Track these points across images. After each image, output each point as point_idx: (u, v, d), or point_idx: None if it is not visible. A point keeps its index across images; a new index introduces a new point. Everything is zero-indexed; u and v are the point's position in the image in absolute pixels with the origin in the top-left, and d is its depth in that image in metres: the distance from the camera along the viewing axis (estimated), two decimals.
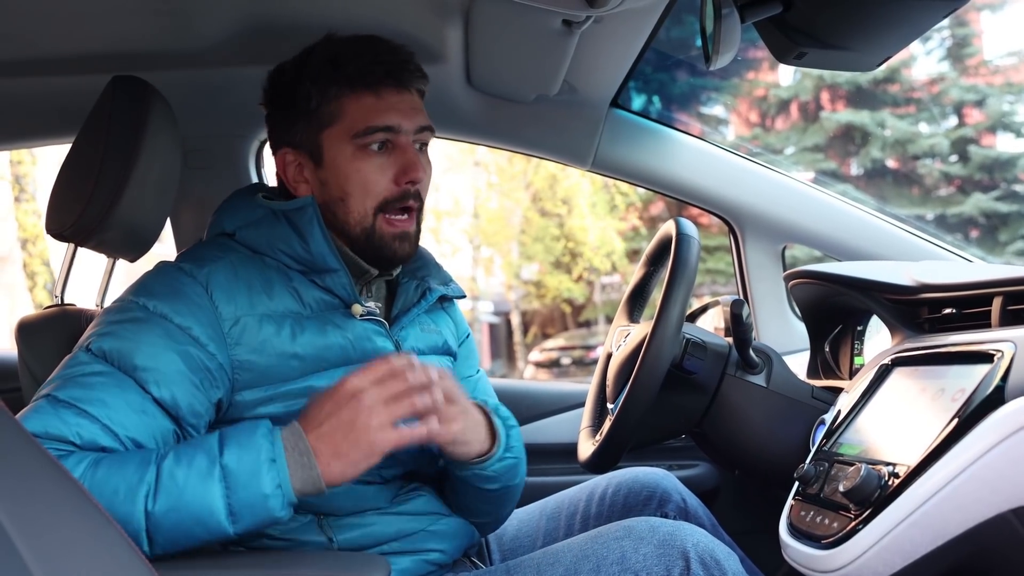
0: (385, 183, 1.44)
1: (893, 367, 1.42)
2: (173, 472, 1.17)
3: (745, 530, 1.85)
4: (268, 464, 1.18)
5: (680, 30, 6.20)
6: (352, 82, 1.43)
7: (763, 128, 17.36)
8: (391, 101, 1.44)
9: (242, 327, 1.36)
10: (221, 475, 1.17)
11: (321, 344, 1.40)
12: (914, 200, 15.49)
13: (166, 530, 1.16)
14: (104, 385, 1.26)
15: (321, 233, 1.42)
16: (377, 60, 1.44)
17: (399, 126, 1.44)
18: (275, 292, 1.40)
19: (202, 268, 1.38)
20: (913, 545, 1.12)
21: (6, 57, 1.81)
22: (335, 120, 1.44)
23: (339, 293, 1.43)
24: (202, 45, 1.81)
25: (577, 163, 2.23)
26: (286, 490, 1.19)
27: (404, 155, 1.45)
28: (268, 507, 1.18)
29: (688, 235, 1.61)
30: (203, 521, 1.17)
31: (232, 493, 1.17)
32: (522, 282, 19.27)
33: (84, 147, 1.60)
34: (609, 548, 1.32)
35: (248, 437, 1.20)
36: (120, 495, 1.15)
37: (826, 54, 1.20)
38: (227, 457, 1.18)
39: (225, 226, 1.48)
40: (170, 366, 1.29)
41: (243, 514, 1.18)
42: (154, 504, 1.15)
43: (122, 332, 1.31)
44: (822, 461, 1.36)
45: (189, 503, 1.16)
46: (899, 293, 1.50)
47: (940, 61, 16.37)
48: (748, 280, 2.26)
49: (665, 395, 1.59)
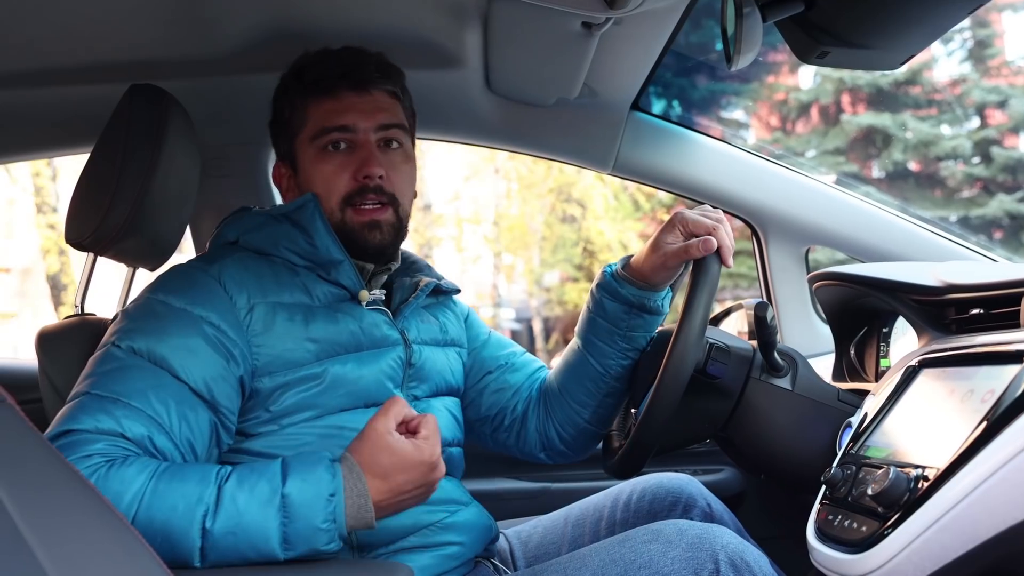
0: (345, 179, 1.52)
1: (920, 369, 1.40)
2: (235, 496, 1.19)
3: (771, 535, 1.83)
4: (327, 499, 1.20)
5: (699, 35, 6.19)
6: (313, 89, 1.53)
7: (783, 132, 17.26)
8: (349, 102, 1.53)
9: (256, 315, 1.40)
10: (281, 504, 1.19)
11: (334, 330, 1.44)
12: (937, 202, 15.37)
13: (221, 550, 1.18)
14: (142, 378, 1.29)
15: (324, 227, 1.49)
16: (337, 64, 1.53)
17: (354, 125, 1.52)
18: (284, 286, 1.45)
19: (213, 264, 1.44)
20: (943, 549, 1.10)
21: (24, 68, 1.82)
22: (303, 127, 1.54)
23: (345, 284, 1.49)
24: (220, 53, 1.82)
25: (598, 167, 2.22)
26: (340, 524, 1.21)
27: (361, 151, 1.52)
28: (321, 539, 1.20)
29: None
30: (257, 546, 1.19)
31: (289, 523, 1.19)
32: (543, 289, 19.23)
33: (102, 156, 1.60)
34: (637, 552, 1.31)
35: (310, 470, 1.22)
36: (179, 511, 1.17)
37: (849, 53, 1.19)
38: (289, 487, 1.20)
39: (228, 236, 1.54)
40: (198, 355, 1.33)
41: (296, 543, 1.19)
42: (213, 523, 1.17)
43: (147, 327, 1.34)
44: (849, 464, 1.34)
45: (247, 528, 1.18)
46: (926, 294, 1.48)
47: (962, 62, 16.25)
48: (772, 283, 2.24)
49: (689, 400, 1.57)
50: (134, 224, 1.57)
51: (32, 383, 1.61)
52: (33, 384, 1.60)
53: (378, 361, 1.47)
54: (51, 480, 0.86)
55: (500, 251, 18.33)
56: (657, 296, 1.59)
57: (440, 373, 1.61)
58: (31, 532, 0.78)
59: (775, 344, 1.63)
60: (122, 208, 1.55)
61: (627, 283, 1.58)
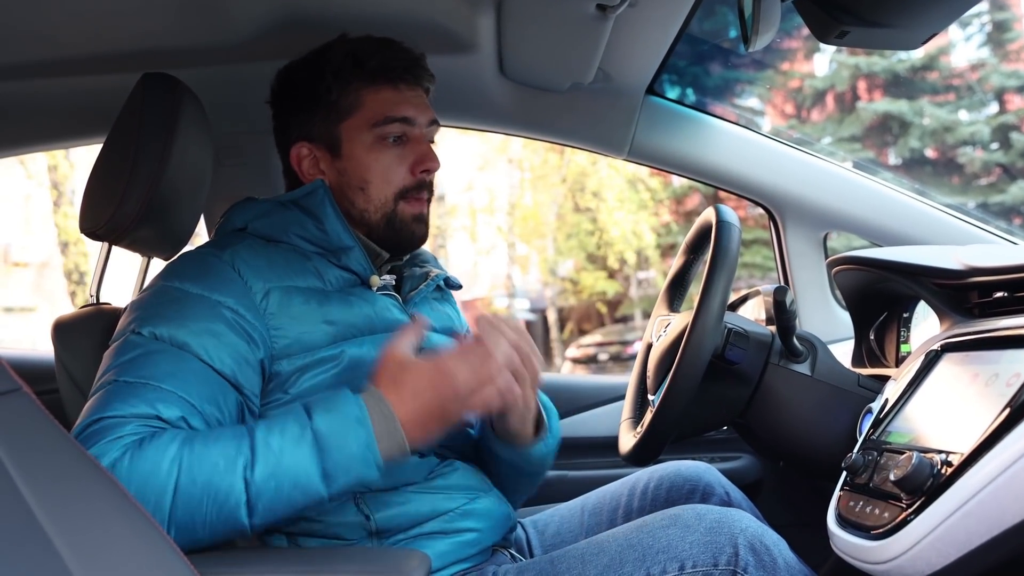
0: (403, 172, 1.53)
1: (943, 353, 1.38)
2: (268, 440, 1.20)
3: (789, 523, 1.82)
4: (356, 425, 1.22)
5: (713, 22, 6.16)
6: (374, 76, 1.53)
7: (799, 119, 17.21)
8: (407, 95, 1.55)
9: (273, 299, 1.40)
10: (313, 439, 1.21)
11: (349, 313, 1.45)
12: (955, 189, 15.29)
13: (267, 497, 1.19)
14: (167, 361, 1.29)
15: (334, 213, 1.50)
16: (396, 57, 1.54)
17: (414, 119, 1.54)
18: (297, 271, 1.45)
19: (224, 250, 1.43)
20: (968, 535, 1.08)
21: (36, 58, 1.82)
22: (354, 112, 1.53)
23: (356, 269, 1.50)
24: (232, 40, 1.81)
25: (613, 152, 2.20)
26: (374, 451, 1.22)
27: (419, 146, 1.54)
28: (359, 467, 1.22)
29: (728, 222, 1.58)
30: (300, 485, 1.20)
31: (325, 455, 1.20)
32: (558, 279, 19.23)
33: (116, 145, 1.60)
34: (655, 537, 1.30)
35: (333, 402, 1.24)
36: (220, 468, 1.18)
37: (868, 32, 1.17)
38: (317, 421, 1.22)
39: (236, 223, 1.53)
40: (221, 339, 1.33)
41: (336, 475, 1.21)
42: (253, 473, 1.18)
43: (166, 312, 1.34)
44: (870, 450, 1.32)
45: (287, 468, 1.19)
46: (948, 277, 1.46)
47: (980, 47, 16.15)
48: (790, 269, 2.22)
49: (707, 386, 1.56)
50: (148, 213, 1.56)
51: (49, 374, 1.60)
52: (50, 375, 1.60)
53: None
54: (68, 469, 0.86)
55: (514, 242, 18.34)
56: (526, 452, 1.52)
57: None
58: (49, 520, 0.78)
59: (794, 329, 1.62)
60: (136, 197, 1.55)
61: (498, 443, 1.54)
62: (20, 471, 0.79)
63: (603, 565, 1.31)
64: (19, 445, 0.81)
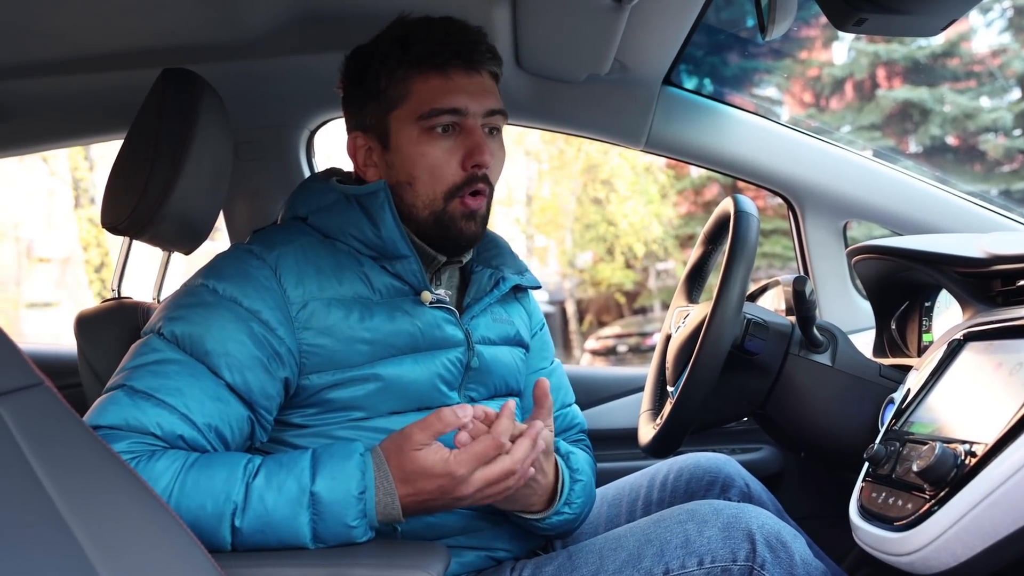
0: (453, 168, 1.42)
1: (965, 342, 1.36)
2: (263, 495, 1.19)
3: (810, 515, 1.81)
4: (357, 498, 1.20)
5: (731, 11, 6.13)
6: (420, 63, 1.41)
7: (817, 108, 17.10)
8: (460, 83, 1.41)
9: (310, 311, 1.35)
10: (310, 503, 1.20)
11: (390, 330, 1.38)
12: (976, 176, 15.17)
13: (251, 544, 1.19)
14: (179, 373, 1.27)
15: (392, 219, 1.40)
16: (446, 40, 1.41)
17: (466, 108, 1.41)
18: (345, 277, 1.39)
19: (272, 251, 1.38)
20: (994, 526, 1.07)
21: (57, 56, 1.83)
22: (402, 101, 1.42)
23: (409, 280, 1.42)
24: (251, 35, 1.81)
25: (630, 143, 2.19)
26: (371, 519, 1.21)
27: (471, 138, 1.42)
28: (351, 535, 1.21)
29: (747, 212, 1.57)
30: (286, 542, 1.20)
31: (319, 520, 1.20)
32: (576, 270, 19.21)
33: (136, 141, 1.61)
34: (672, 532, 1.30)
35: (340, 467, 1.22)
36: (207, 510, 1.18)
37: (887, 19, 1.16)
38: (318, 485, 1.20)
39: (298, 210, 1.48)
40: (241, 350, 1.30)
41: (327, 538, 1.21)
42: (242, 521, 1.18)
43: (193, 316, 1.32)
44: (893, 441, 1.31)
45: (277, 527, 1.19)
46: (970, 266, 1.45)
47: (1001, 32, 16.00)
48: (809, 259, 2.21)
49: (726, 377, 1.55)
50: (168, 208, 1.57)
51: (72, 368, 1.62)
52: (73, 369, 1.62)
53: (434, 362, 1.41)
54: (89, 461, 0.87)
55: (532, 233, 18.33)
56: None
57: (502, 374, 1.53)
58: (70, 512, 0.79)
59: (814, 319, 1.60)
60: (156, 192, 1.55)
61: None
62: (42, 463, 0.80)
63: (621, 560, 1.30)
64: (41, 438, 0.81)
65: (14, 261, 17.28)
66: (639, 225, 16.70)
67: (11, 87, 1.96)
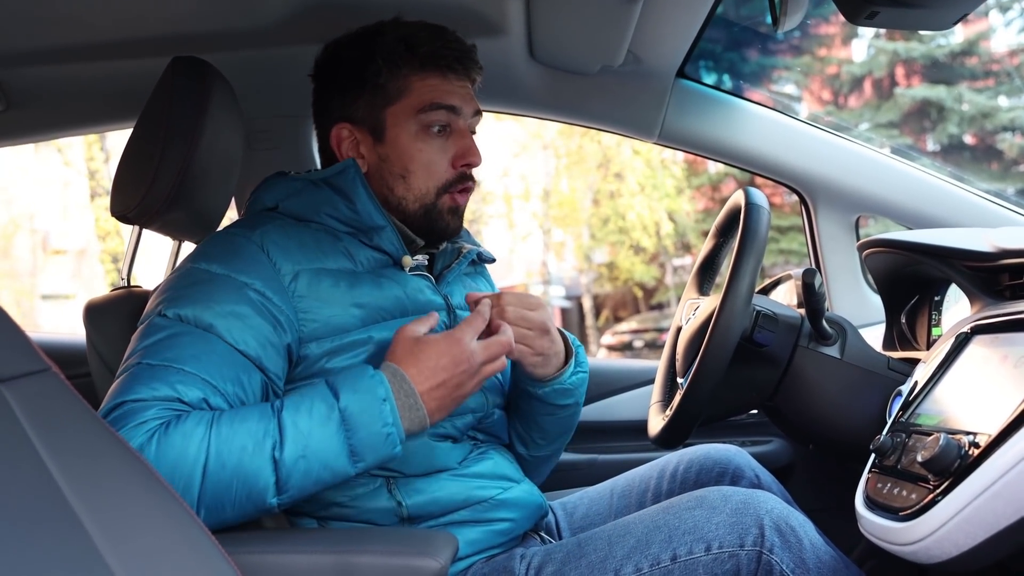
0: (445, 165, 1.52)
1: (972, 336, 1.37)
2: (296, 421, 1.23)
3: (820, 507, 1.81)
4: (381, 404, 1.25)
5: (749, 8, 6.10)
6: (424, 62, 1.50)
7: (836, 105, 17.02)
8: (454, 85, 1.52)
9: (302, 281, 1.40)
10: (341, 419, 1.24)
11: (379, 296, 1.45)
12: (993, 175, 15.07)
13: (296, 477, 1.22)
14: (192, 343, 1.30)
15: (366, 192, 1.48)
16: (448, 46, 1.51)
17: (460, 108, 1.52)
18: (327, 251, 1.45)
19: (255, 230, 1.43)
20: (996, 516, 1.07)
21: (67, 43, 1.83)
22: (401, 97, 1.50)
23: (388, 249, 1.49)
24: (262, 24, 1.82)
25: (643, 135, 2.20)
26: (399, 428, 1.26)
27: (462, 139, 1.53)
28: (385, 444, 1.25)
29: (757, 204, 1.57)
30: (329, 464, 1.23)
31: (352, 434, 1.24)
32: (594, 265, 19.18)
33: (146, 129, 1.60)
34: (681, 518, 1.31)
35: (359, 381, 1.26)
36: (249, 450, 1.20)
37: (899, 12, 1.16)
38: (343, 400, 1.24)
39: (266, 202, 1.53)
40: (246, 320, 1.33)
41: (364, 454, 1.24)
42: (282, 454, 1.21)
43: (192, 294, 1.35)
44: (899, 432, 1.32)
45: (316, 448, 1.22)
46: (979, 260, 1.45)
47: (1020, 32, 15.88)
48: (821, 252, 2.21)
49: (736, 369, 1.55)
50: (178, 196, 1.57)
51: (83, 358, 1.63)
52: (82, 359, 1.62)
53: None
54: (96, 448, 0.87)
55: (549, 228, 18.30)
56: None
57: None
58: (76, 498, 0.79)
59: (824, 312, 1.61)
60: (166, 180, 1.55)
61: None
62: (48, 449, 0.80)
63: (630, 546, 1.31)
64: (47, 424, 0.82)
65: (29, 253, 17.38)
66: (648, 219, 16.63)
67: (21, 74, 1.96)
